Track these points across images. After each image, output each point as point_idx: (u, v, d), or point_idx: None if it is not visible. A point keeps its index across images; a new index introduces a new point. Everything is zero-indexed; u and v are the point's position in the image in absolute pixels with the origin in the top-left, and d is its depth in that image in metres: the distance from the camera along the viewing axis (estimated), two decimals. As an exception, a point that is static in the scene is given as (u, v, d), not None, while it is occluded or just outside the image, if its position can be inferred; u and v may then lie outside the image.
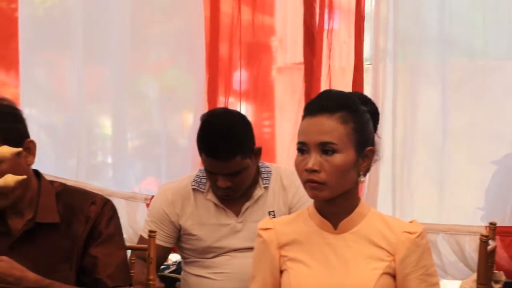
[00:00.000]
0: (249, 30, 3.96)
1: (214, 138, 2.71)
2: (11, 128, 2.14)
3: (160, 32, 4.09)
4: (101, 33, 4.06)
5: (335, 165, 1.89)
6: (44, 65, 4.26)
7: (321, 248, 1.96)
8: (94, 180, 4.09)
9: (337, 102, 1.93)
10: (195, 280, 2.90)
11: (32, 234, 2.18)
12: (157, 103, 4.15)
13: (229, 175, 2.74)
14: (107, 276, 2.19)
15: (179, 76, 4.19)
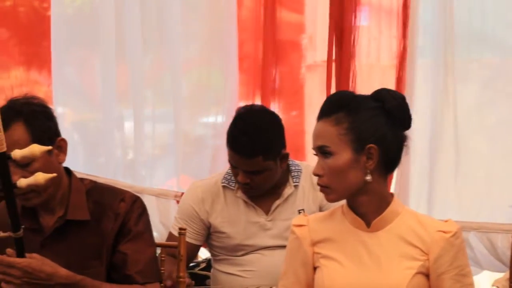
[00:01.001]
0: (278, 28, 3.95)
1: (240, 134, 2.72)
2: (42, 126, 2.16)
3: (191, 30, 4.10)
4: (131, 31, 4.08)
5: (332, 167, 1.91)
6: (75, 64, 4.28)
7: (354, 246, 1.95)
8: (124, 177, 4.11)
9: (332, 105, 1.94)
10: (225, 277, 2.91)
11: (63, 231, 2.20)
12: (188, 101, 4.16)
13: (249, 173, 2.74)
14: (136, 273, 2.20)
15: (209, 74, 4.19)
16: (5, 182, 1.91)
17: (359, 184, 1.92)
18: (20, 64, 4.17)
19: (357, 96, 1.98)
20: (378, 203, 1.95)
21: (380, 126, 1.92)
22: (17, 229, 1.98)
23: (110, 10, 4.05)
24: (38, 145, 1.93)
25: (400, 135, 1.97)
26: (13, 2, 4.10)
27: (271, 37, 3.92)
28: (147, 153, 4.19)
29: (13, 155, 1.89)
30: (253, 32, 3.95)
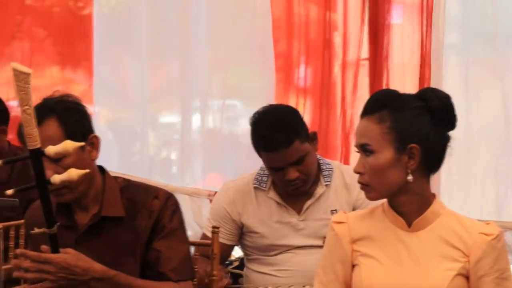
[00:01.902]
0: (312, 27, 3.95)
1: (267, 132, 2.72)
2: (75, 123, 2.18)
3: (226, 30, 4.11)
4: (164, 30, 4.10)
5: (373, 166, 1.90)
6: (109, 63, 4.32)
7: (394, 245, 1.94)
8: (158, 176, 4.14)
9: (376, 103, 1.93)
10: (258, 276, 2.91)
11: (98, 228, 2.22)
12: (220, 99, 4.17)
13: (294, 165, 2.73)
14: (170, 270, 2.21)
15: (243, 73, 4.20)
16: (39, 178, 1.93)
17: (400, 183, 1.91)
18: (56, 64, 4.22)
19: (401, 95, 1.97)
20: (419, 203, 1.94)
21: (423, 126, 1.91)
22: (51, 225, 2.00)
23: (144, 10, 4.08)
24: (71, 141, 1.95)
25: (444, 135, 1.95)
26: (49, 3, 4.15)
27: (304, 35, 3.92)
28: (180, 152, 4.21)
29: (47, 151, 1.91)
30: (286, 31, 3.95)
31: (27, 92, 1.83)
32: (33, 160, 1.91)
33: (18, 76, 1.82)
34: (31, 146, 1.89)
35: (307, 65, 4.01)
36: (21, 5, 4.12)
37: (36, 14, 4.12)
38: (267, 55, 4.01)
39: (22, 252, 2.10)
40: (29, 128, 1.86)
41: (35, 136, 1.87)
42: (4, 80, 4.04)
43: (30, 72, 1.83)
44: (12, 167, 3.48)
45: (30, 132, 1.87)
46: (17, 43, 4.11)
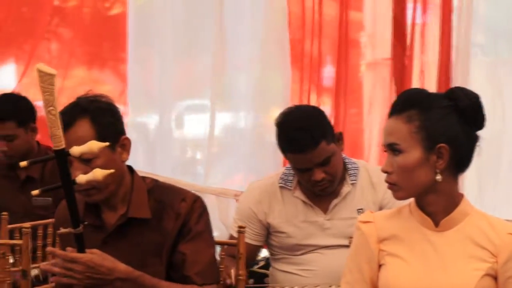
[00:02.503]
0: (337, 26, 3.94)
1: (293, 133, 2.71)
2: (107, 124, 2.19)
3: (249, 29, 4.12)
4: (191, 30, 4.11)
5: (401, 166, 1.89)
6: (135, 63, 4.33)
7: (421, 245, 1.93)
8: (184, 176, 4.15)
9: (404, 102, 1.92)
10: (284, 276, 2.91)
11: (125, 228, 2.22)
12: (246, 100, 4.18)
13: (320, 165, 2.73)
14: (195, 273, 2.21)
15: (268, 72, 4.20)
16: (64, 178, 1.95)
17: (428, 183, 1.90)
18: (83, 64, 4.24)
19: (430, 94, 1.96)
20: (447, 203, 1.93)
21: (452, 126, 1.89)
22: (77, 225, 2.02)
23: (170, 10, 4.09)
24: (97, 141, 1.96)
25: (473, 135, 1.93)
26: (76, 3, 4.17)
27: (329, 35, 3.91)
28: (206, 151, 4.22)
29: (72, 151, 1.93)
30: (309, 31, 3.94)
31: (51, 93, 1.84)
32: (58, 160, 1.92)
33: (42, 77, 1.84)
34: (56, 147, 1.90)
35: (332, 64, 4.00)
36: (49, 6, 4.15)
37: (64, 15, 4.14)
38: (292, 54, 4.01)
39: (51, 251, 2.15)
40: (54, 129, 1.88)
41: (60, 137, 1.89)
42: (34, 80, 4.06)
43: (55, 73, 1.84)
44: (43, 166, 3.52)
45: (54, 132, 1.88)
46: (45, 44, 4.14)
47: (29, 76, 4.12)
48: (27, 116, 3.48)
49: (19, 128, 3.45)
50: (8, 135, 3.46)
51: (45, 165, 3.52)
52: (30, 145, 3.48)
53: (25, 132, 3.47)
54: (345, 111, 3.99)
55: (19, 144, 3.45)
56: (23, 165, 1.93)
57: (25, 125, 3.47)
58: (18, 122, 3.44)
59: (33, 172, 3.52)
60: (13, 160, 3.50)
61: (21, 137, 3.46)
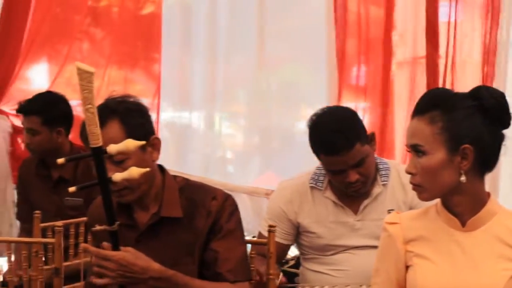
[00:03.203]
0: (369, 25, 3.92)
1: (328, 135, 2.69)
2: (137, 124, 2.20)
3: (281, 28, 4.11)
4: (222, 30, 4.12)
5: (425, 167, 1.87)
6: (166, 63, 4.35)
7: (448, 245, 1.92)
8: (214, 175, 4.16)
9: (427, 103, 1.90)
10: (314, 275, 2.90)
11: (157, 227, 2.24)
12: (277, 98, 4.17)
13: (354, 167, 2.72)
14: (227, 271, 2.21)
15: (299, 71, 4.20)
16: (101, 176, 1.95)
17: (453, 184, 1.88)
18: (114, 63, 4.26)
19: (454, 94, 1.94)
20: (473, 203, 1.91)
21: (476, 126, 1.87)
22: (112, 222, 2.03)
23: (202, 10, 4.10)
24: (132, 140, 1.96)
25: (498, 134, 1.91)
26: (107, 3, 4.19)
27: (361, 34, 3.90)
28: (236, 150, 4.22)
29: (108, 149, 1.93)
30: (342, 30, 3.93)
31: (90, 91, 1.85)
32: (95, 158, 1.93)
33: (81, 75, 1.85)
34: (93, 144, 1.91)
35: (364, 64, 3.98)
36: (81, 6, 4.18)
37: (96, 15, 4.16)
38: (325, 53, 4.00)
39: (85, 247, 2.15)
40: (92, 127, 1.88)
41: (97, 134, 1.89)
42: (65, 80, 4.10)
43: (94, 71, 1.85)
44: (76, 167, 3.55)
45: (92, 130, 1.89)
46: (77, 43, 4.16)
47: (62, 76, 4.15)
48: (56, 117, 3.51)
49: (43, 125, 3.49)
50: (32, 128, 3.50)
51: (77, 166, 3.55)
52: (54, 145, 3.50)
53: (49, 131, 3.50)
54: (376, 111, 3.97)
55: (41, 141, 3.49)
56: (61, 162, 1.94)
57: (51, 125, 3.50)
58: (43, 119, 3.48)
59: (65, 172, 3.55)
60: (35, 155, 3.55)
61: (44, 134, 3.50)
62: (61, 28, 4.11)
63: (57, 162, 1.95)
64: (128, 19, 4.17)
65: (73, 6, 4.15)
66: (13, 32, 3.87)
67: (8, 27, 3.86)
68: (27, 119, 3.53)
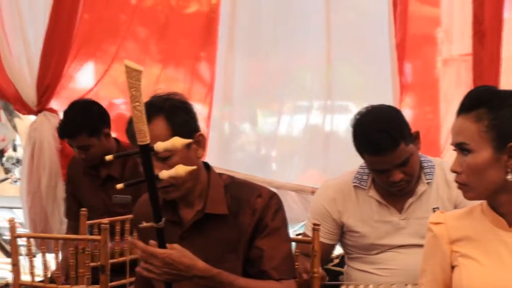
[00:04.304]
0: (414, 22, 3.89)
1: (373, 134, 2.67)
2: (182, 121, 2.21)
3: (321, 26, 4.10)
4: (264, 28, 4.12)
5: (470, 166, 1.85)
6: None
7: (494, 245, 1.89)
8: (257, 172, 4.16)
9: (473, 101, 1.87)
10: (359, 275, 2.89)
11: (202, 224, 2.25)
12: (319, 96, 4.16)
13: (399, 166, 2.70)
14: (272, 268, 2.21)
15: (344, 70, 4.18)
16: (147, 173, 1.97)
17: (499, 183, 1.86)
18: (158, 62, 4.28)
19: (500, 92, 1.91)
20: None
21: None
22: (158, 219, 2.04)
23: (243, 8, 4.10)
24: (179, 138, 1.97)
25: None
26: (153, 2, 4.22)
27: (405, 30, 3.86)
28: (280, 148, 4.22)
29: (156, 147, 1.95)
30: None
31: (138, 89, 1.87)
32: (142, 155, 1.95)
33: (130, 73, 1.86)
34: (141, 142, 1.92)
35: (407, 60, 3.95)
36: (125, 5, 4.21)
37: (140, 13, 4.19)
38: (367, 51, 3.98)
39: (133, 242, 2.16)
40: (140, 124, 1.90)
41: (145, 132, 1.91)
42: (110, 79, 4.14)
43: (142, 70, 1.87)
44: (123, 165, 3.59)
45: (140, 128, 1.90)
46: (122, 42, 4.20)
47: (107, 75, 4.19)
48: (97, 124, 3.55)
49: (91, 138, 3.52)
50: (82, 146, 3.54)
51: (125, 165, 3.59)
52: (106, 148, 3.54)
53: (98, 140, 3.54)
54: (421, 109, 3.93)
55: (95, 151, 3.53)
56: (109, 158, 1.96)
57: (97, 133, 3.54)
58: (89, 133, 3.52)
59: (113, 171, 3.59)
60: (92, 163, 3.60)
61: (95, 145, 3.54)
62: (107, 28, 4.14)
63: (105, 159, 1.97)
64: (171, 18, 4.19)
65: (119, 5, 4.19)
66: (61, 33, 3.92)
67: (57, 27, 3.90)
68: (73, 141, 3.56)
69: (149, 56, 4.24)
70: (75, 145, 3.58)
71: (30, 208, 4.05)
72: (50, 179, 4.00)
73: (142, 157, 1.95)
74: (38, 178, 4.01)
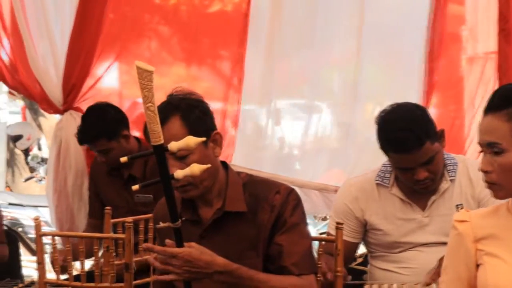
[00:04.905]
0: (438, 20, 3.87)
1: (398, 133, 2.66)
2: (198, 120, 2.22)
3: (346, 25, 4.09)
4: (288, 26, 4.12)
5: (503, 165, 1.82)
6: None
7: None
8: (281, 171, 4.16)
9: (503, 99, 1.84)
10: (382, 274, 2.88)
11: (221, 223, 2.26)
12: (343, 95, 4.15)
13: (424, 165, 2.69)
14: (292, 264, 2.22)
15: (368, 68, 4.16)
16: (162, 174, 1.98)
17: None
18: (181, 61, 4.29)
19: None
20: None
21: None
22: (175, 219, 2.06)
23: (265, 7, 4.10)
24: (193, 136, 1.98)
25: None
26: (175, 1, 4.23)
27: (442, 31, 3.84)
28: (303, 147, 4.21)
29: (170, 146, 1.96)
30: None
31: (150, 90, 1.88)
32: (157, 155, 1.96)
33: (141, 74, 1.87)
34: (154, 142, 1.94)
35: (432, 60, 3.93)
36: (149, 4, 4.23)
37: (163, 12, 4.21)
38: (392, 50, 3.96)
39: (149, 247, 2.17)
40: (153, 125, 1.91)
41: (158, 132, 1.92)
42: (133, 78, 4.15)
43: (153, 70, 1.87)
44: (145, 164, 3.61)
45: (153, 128, 1.92)
46: (145, 41, 4.22)
47: (130, 74, 4.20)
48: (115, 128, 3.57)
49: (110, 142, 3.55)
50: (102, 150, 3.57)
51: (146, 165, 3.61)
52: (127, 150, 3.56)
53: (117, 143, 3.57)
54: (445, 106, 3.91)
55: (116, 154, 3.54)
56: (124, 160, 1.98)
57: (116, 137, 3.56)
58: (108, 138, 3.55)
59: (135, 171, 3.61)
60: (114, 165, 3.62)
61: (115, 148, 3.57)
62: (131, 27, 4.16)
63: (121, 161, 1.99)
64: (195, 17, 4.20)
65: (143, 5, 4.20)
66: (87, 32, 3.94)
67: (83, 26, 3.93)
68: (93, 146, 3.60)
69: (173, 55, 4.25)
70: (95, 150, 3.61)
71: (56, 206, 4.08)
72: (76, 178, 4.02)
73: (157, 157, 1.96)
74: (64, 177, 4.04)
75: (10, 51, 4.06)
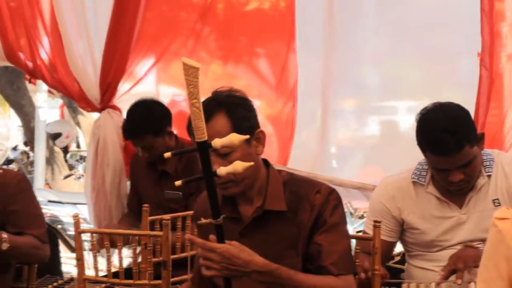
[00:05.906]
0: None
1: (439, 134, 2.63)
2: (242, 118, 2.22)
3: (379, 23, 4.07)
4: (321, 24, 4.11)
5: None
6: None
7: None
8: (317, 169, 4.15)
9: None
10: (420, 272, 2.86)
11: (261, 221, 2.25)
12: (378, 93, 4.13)
13: (461, 168, 2.66)
14: (331, 264, 2.21)
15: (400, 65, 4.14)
16: (206, 170, 1.99)
17: None
18: (218, 59, 4.30)
19: None
20: None
21: None
22: (217, 216, 2.06)
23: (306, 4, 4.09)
24: (236, 134, 1.98)
25: None
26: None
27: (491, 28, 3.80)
28: (338, 145, 4.20)
29: (213, 143, 1.96)
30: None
31: (195, 86, 1.88)
32: (201, 152, 1.96)
33: (187, 70, 1.88)
34: (198, 139, 1.94)
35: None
36: (186, 2, 4.24)
37: (200, 10, 4.22)
38: (428, 47, 3.92)
39: (191, 239, 2.19)
40: (197, 121, 1.92)
41: (203, 129, 1.93)
42: (169, 77, 4.18)
43: (199, 67, 1.88)
44: (178, 161, 3.63)
45: (198, 124, 1.92)
46: (182, 39, 4.23)
47: (167, 72, 4.22)
48: (162, 124, 3.60)
49: (156, 138, 3.58)
50: (147, 146, 3.59)
51: (179, 161, 3.62)
52: (168, 146, 3.59)
53: (162, 139, 3.60)
54: (485, 104, 3.86)
55: (158, 150, 3.57)
56: (167, 156, 1.99)
57: (161, 133, 3.59)
58: (154, 134, 3.57)
59: (168, 167, 3.64)
60: (153, 159, 3.65)
61: (159, 144, 3.59)
62: (167, 25, 4.18)
63: (164, 156, 1.99)
64: (231, 15, 4.20)
65: (179, 3, 4.22)
66: (123, 30, 3.97)
67: (119, 25, 3.96)
68: (138, 141, 3.62)
69: (209, 53, 4.26)
70: (139, 146, 3.63)
71: (94, 204, 4.12)
72: (114, 175, 4.06)
73: (200, 154, 1.96)
74: (102, 175, 4.07)
75: (49, 50, 4.10)
